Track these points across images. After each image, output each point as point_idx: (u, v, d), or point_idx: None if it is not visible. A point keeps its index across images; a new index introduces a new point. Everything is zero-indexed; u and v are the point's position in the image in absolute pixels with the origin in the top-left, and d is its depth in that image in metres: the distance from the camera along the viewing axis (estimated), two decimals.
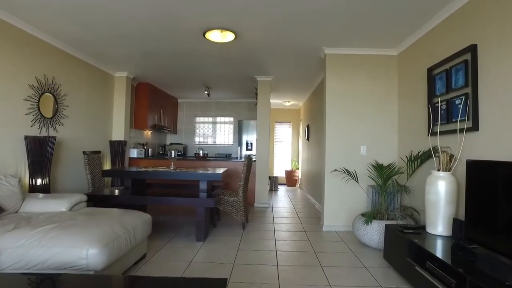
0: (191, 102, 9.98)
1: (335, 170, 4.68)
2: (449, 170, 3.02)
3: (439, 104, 3.53)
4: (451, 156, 3.11)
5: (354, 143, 4.82)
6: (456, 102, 3.20)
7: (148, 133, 8.39)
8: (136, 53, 5.24)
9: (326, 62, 4.92)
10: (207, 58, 5.46)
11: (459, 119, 3.10)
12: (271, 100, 9.52)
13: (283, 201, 7.55)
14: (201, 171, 4.54)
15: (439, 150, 3.14)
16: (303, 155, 9.96)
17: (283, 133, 11.38)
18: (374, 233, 3.75)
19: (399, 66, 4.76)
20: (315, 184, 7.33)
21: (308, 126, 8.77)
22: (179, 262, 3.33)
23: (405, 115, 4.56)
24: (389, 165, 4.14)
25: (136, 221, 3.07)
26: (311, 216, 5.88)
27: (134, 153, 6.98)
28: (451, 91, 3.30)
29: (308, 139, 8.76)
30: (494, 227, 2.31)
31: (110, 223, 2.74)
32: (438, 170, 3.09)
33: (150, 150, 8.03)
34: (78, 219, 2.79)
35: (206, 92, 7.94)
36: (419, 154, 3.73)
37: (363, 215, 4.06)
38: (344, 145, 4.82)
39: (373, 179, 4.25)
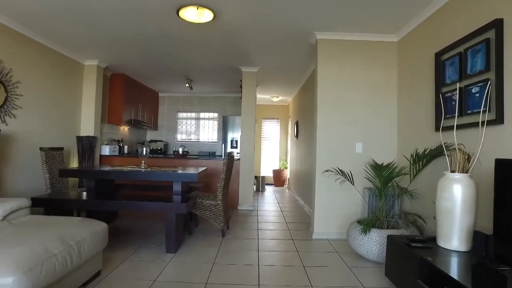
0: (173, 96, 9.35)
1: (327, 170, 4.15)
2: (466, 172, 2.50)
3: (450, 94, 3.02)
4: (468, 155, 2.59)
5: (349, 139, 4.29)
6: (473, 90, 2.69)
7: (124, 129, 7.74)
8: (100, 36, 4.61)
9: (317, 48, 4.38)
10: (185, 44, 4.86)
11: (481, 110, 2.57)
12: (258, 95, 8.98)
13: (269, 203, 7.00)
14: (179, 171, 3.95)
15: (456, 148, 2.61)
16: (291, 154, 9.43)
17: (271, 131, 10.84)
18: (373, 244, 3.22)
19: (400, 53, 4.25)
20: (304, 184, 6.79)
21: (297, 123, 8.24)
22: (139, 282, 2.74)
23: (406, 108, 4.05)
24: (388, 164, 3.61)
25: (84, 233, 2.47)
26: (299, 220, 5.34)
27: (106, 150, 6.34)
28: (467, 78, 2.79)
29: (297, 136, 8.23)
30: None
31: (45, 238, 2.14)
32: (452, 171, 2.57)
33: (126, 147, 7.39)
34: (2, 233, 2.18)
35: (187, 85, 7.34)
36: (426, 153, 3.21)
37: (359, 222, 3.53)
38: (337, 142, 4.29)
39: (370, 181, 3.72)
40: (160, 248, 3.64)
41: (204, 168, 4.70)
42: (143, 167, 4.33)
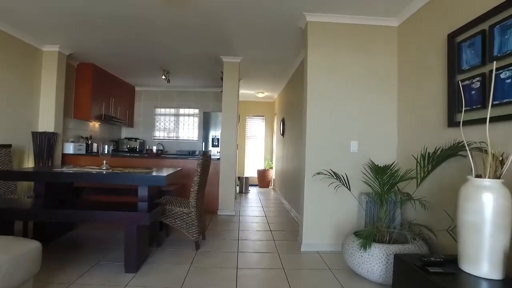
0: (150, 91, 8.68)
1: (319, 173, 3.59)
2: (498, 177, 1.97)
3: (469, 81, 2.50)
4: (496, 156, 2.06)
5: (343, 137, 3.75)
6: (503, 75, 2.16)
7: (95, 125, 7.04)
8: (59, 15, 3.95)
9: (307, 33, 3.82)
10: (159, 27, 4.24)
11: None
12: (241, 91, 8.40)
13: (253, 207, 6.42)
14: (146, 173, 3.33)
15: (488, 147, 2.07)
16: (277, 153, 8.88)
17: (256, 129, 10.26)
18: (374, 262, 2.68)
19: (401, 39, 3.73)
20: (290, 186, 6.24)
21: (283, 120, 7.69)
22: None
23: (408, 102, 3.53)
24: (390, 166, 3.07)
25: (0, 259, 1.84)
26: (286, 228, 4.78)
27: (70, 148, 5.65)
28: (493, 61, 2.26)
29: (283, 134, 7.68)
30: None
31: None
32: (478, 176, 2.03)
33: (95, 145, 6.69)
34: None
35: (164, 77, 6.69)
36: (438, 153, 2.68)
37: (357, 234, 2.99)
38: (330, 140, 3.75)
39: (369, 185, 3.18)
40: (119, 266, 3.01)
41: (178, 169, 4.10)
42: (104, 168, 3.71)
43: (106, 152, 3.81)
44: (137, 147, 8.29)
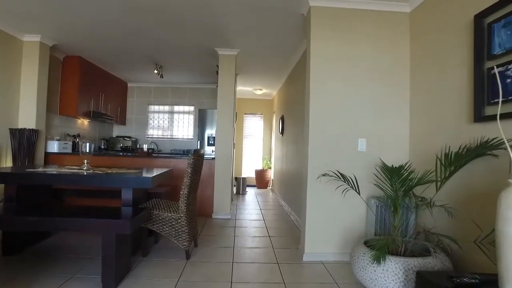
0: (144, 87, 8.29)
1: (325, 174, 3.21)
2: None
3: (503, 68, 2.13)
4: None
5: (350, 135, 3.39)
6: None
7: (83, 122, 6.66)
8: (38, 0, 3.58)
9: (310, 19, 3.45)
10: (147, 15, 3.86)
11: None
12: (239, 87, 8.03)
13: (250, 210, 6.05)
14: (132, 174, 2.97)
15: None
16: (276, 152, 8.51)
17: (254, 127, 9.90)
18: (390, 278, 2.31)
19: (414, 25, 3.37)
20: (291, 188, 5.88)
21: (282, 118, 7.32)
22: None
23: (422, 94, 3.16)
24: (404, 167, 2.70)
25: None
26: (286, 233, 4.42)
27: (54, 146, 5.26)
28: None
29: (282, 133, 7.31)
30: None
31: None
32: None
33: (83, 144, 6.29)
34: None
35: (156, 71, 6.30)
36: (464, 152, 2.32)
37: (368, 244, 2.62)
38: (335, 138, 3.38)
39: (381, 189, 2.81)
40: (96, 281, 2.63)
41: (168, 169, 3.73)
42: (85, 168, 3.33)
43: (87, 150, 3.44)
44: (130, 146, 7.90)
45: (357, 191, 2.89)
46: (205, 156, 5.50)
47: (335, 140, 3.37)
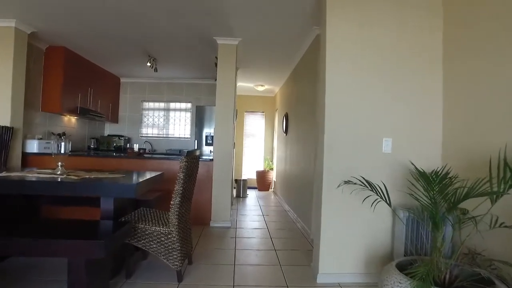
0: (137, 82, 7.75)
1: (348, 182, 2.66)
2: None
3: None
4: None
5: (372, 133, 2.85)
6: None
7: (70, 120, 6.12)
8: None
9: None
10: None
11: None
12: (239, 83, 7.50)
13: (252, 216, 5.52)
14: (123, 178, 2.44)
15: None
16: (278, 153, 7.99)
17: (255, 126, 9.37)
18: None
19: (449, 4, 2.83)
20: (296, 192, 5.35)
21: (286, 116, 6.79)
22: None
23: (462, 82, 2.63)
24: (448, 174, 2.17)
25: None
26: (294, 245, 3.89)
27: (33, 146, 4.72)
28: None
29: (286, 132, 6.78)
30: None
31: None
32: None
33: (70, 143, 5.75)
34: None
35: (149, 64, 5.77)
36: None
37: (405, 270, 2.09)
38: (354, 138, 2.84)
39: (416, 199, 2.27)
40: None
41: (159, 173, 3.20)
42: (58, 172, 2.81)
43: (61, 151, 2.91)
44: (122, 145, 7.37)
45: (388, 202, 2.35)
46: (202, 158, 4.98)
47: (355, 140, 2.84)
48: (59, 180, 2.45)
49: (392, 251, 2.77)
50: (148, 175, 2.98)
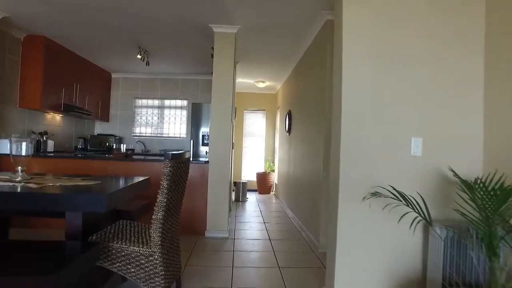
0: (129, 78, 7.24)
1: (376, 194, 2.14)
2: None
3: None
4: None
5: (399, 132, 2.34)
6: None
7: (54, 117, 5.61)
8: None
9: None
10: None
11: None
12: (239, 80, 7.02)
13: (252, 224, 5.01)
14: (97, 186, 1.94)
15: None
16: (280, 154, 7.48)
17: (255, 125, 8.87)
18: None
19: None
20: (301, 197, 4.85)
21: (289, 114, 6.29)
22: None
23: (509, 73, 2.13)
24: (503, 185, 1.67)
25: None
26: (301, 261, 3.39)
27: (5, 147, 4.21)
28: None
29: (289, 131, 6.28)
30: None
31: None
32: None
33: (52, 143, 5.26)
34: None
35: (139, 57, 5.26)
36: None
37: None
38: (376, 136, 2.34)
39: (464, 216, 1.77)
40: None
41: (143, 178, 2.71)
42: (18, 178, 2.31)
43: (22, 153, 2.41)
44: (113, 145, 6.87)
45: (428, 220, 1.84)
46: (194, 159, 4.48)
47: (378, 140, 2.33)
48: (7, 189, 1.94)
49: (425, 279, 2.26)
50: (131, 181, 2.48)
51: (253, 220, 5.19)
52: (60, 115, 5.70)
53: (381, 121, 2.33)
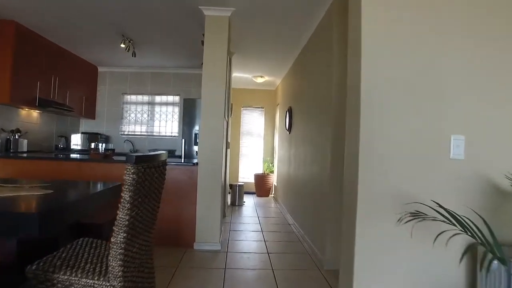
0: (117, 72, 6.70)
1: (415, 214, 1.60)
2: None
3: None
4: None
5: (433, 129, 1.81)
6: None
7: (31, 113, 5.08)
8: None
9: None
10: None
11: None
12: (235, 74, 6.49)
13: (249, 233, 4.48)
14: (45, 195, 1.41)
15: None
16: (280, 154, 6.96)
17: (253, 123, 8.34)
18: None
19: None
20: (302, 201, 4.32)
21: (290, 111, 5.76)
22: None
23: None
24: None
25: None
26: (304, 282, 2.86)
27: None
28: None
29: (289, 129, 5.75)
30: None
31: None
32: None
33: (25, 142, 4.73)
34: None
35: (123, 46, 4.73)
36: None
37: None
38: (404, 134, 1.81)
39: None
40: None
41: (113, 184, 2.20)
42: None
43: None
44: (100, 145, 6.33)
45: (497, 253, 1.31)
46: (188, 161, 3.96)
47: (405, 138, 1.80)
48: None
49: None
50: (95, 189, 1.97)
51: (250, 228, 4.66)
52: (37, 111, 5.16)
53: (410, 115, 1.81)
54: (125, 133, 6.71)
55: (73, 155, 4.52)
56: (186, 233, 3.63)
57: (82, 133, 6.39)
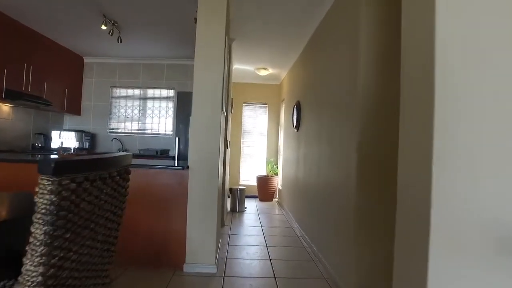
0: (105, 63, 6.03)
1: None
2: None
3: None
4: None
5: None
6: None
7: (1, 108, 4.41)
8: None
9: None
10: None
11: None
12: (236, 67, 5.82)
13: (250, 248, 3.79)
14: None
15: None
16: (286, 154, 6.27)
17: (256, 121, 7.66)
18: None
19: None
20: (316, 210, 3.64)
21: (298, 105, 5.08)
22: None
23: None
24: None
25: None
26: None
27: None
28: None
29: (297, 127, 5.07)
30: None
31: None
32: None
33: None
34: None
35: (104, 28, 4.05)
36: None
37: None
38: (498, 131, 1.12)
39: None
40: None
41: (28, 193, 1.49)
42: None
43: None
44: (85, 144, 5.68)
45: None
46: (182, 162, 3.28)
47: (498, 136, 1.12)
48: None
49: None
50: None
51: (252, 242, 3.98)
52: (8, 105, 4.49)
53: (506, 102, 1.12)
54: (114, 130, 6.03)
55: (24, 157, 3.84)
56: (174, 251, 2.95)
57: (64, 130, 5.71)
